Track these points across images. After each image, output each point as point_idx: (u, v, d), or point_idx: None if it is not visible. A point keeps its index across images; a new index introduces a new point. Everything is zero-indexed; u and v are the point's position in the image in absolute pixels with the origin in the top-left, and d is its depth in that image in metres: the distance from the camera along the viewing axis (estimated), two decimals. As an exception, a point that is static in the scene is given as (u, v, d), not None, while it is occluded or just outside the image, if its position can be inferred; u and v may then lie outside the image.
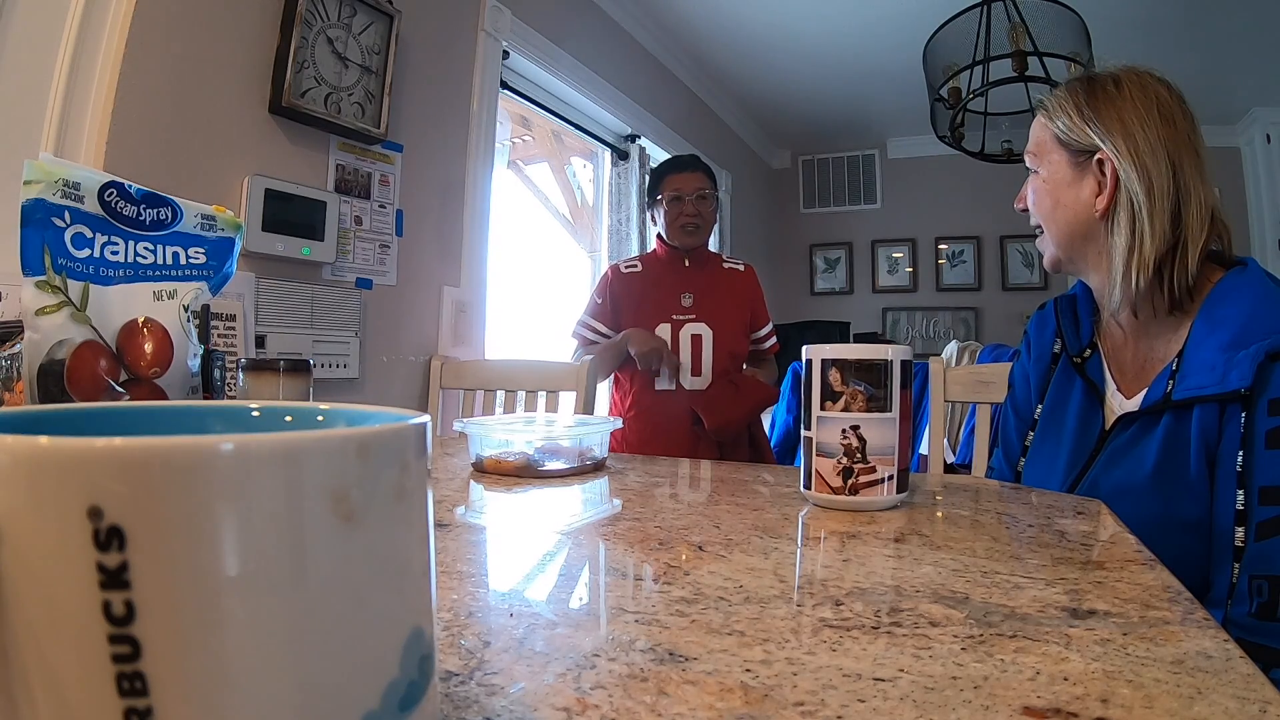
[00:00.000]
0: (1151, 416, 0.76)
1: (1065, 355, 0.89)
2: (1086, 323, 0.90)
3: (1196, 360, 0.73)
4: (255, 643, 0.14)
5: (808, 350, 0.61)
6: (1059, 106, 0.82)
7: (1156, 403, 0.75)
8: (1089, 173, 0.80)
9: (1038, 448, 0.90)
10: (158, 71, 1.27)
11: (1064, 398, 0.88)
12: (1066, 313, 0.92)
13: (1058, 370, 0.90)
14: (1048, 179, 0.83)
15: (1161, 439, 0.74)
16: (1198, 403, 0.72)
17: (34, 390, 0.56)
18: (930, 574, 0.40)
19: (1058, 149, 0.82)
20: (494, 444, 0.77)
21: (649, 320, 1.79)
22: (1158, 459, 0.73)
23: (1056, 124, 0.82)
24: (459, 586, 0.37)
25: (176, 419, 0.24)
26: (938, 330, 4.47)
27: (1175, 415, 0.74)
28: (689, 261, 1.84)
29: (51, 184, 0.57)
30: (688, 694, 0.25)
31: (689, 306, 1.80)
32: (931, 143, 2.96)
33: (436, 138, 1.92)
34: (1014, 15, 2.08)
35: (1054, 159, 0.83)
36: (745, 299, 1.87)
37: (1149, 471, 0.74)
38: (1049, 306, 0.95)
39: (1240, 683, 0.27)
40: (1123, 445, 0.78)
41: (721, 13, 3.00)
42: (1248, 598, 0.66)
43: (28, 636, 0.14)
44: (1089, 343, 0.88)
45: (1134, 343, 0.83)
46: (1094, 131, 0.79)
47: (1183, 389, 0.73)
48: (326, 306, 1.59)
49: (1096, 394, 0.84)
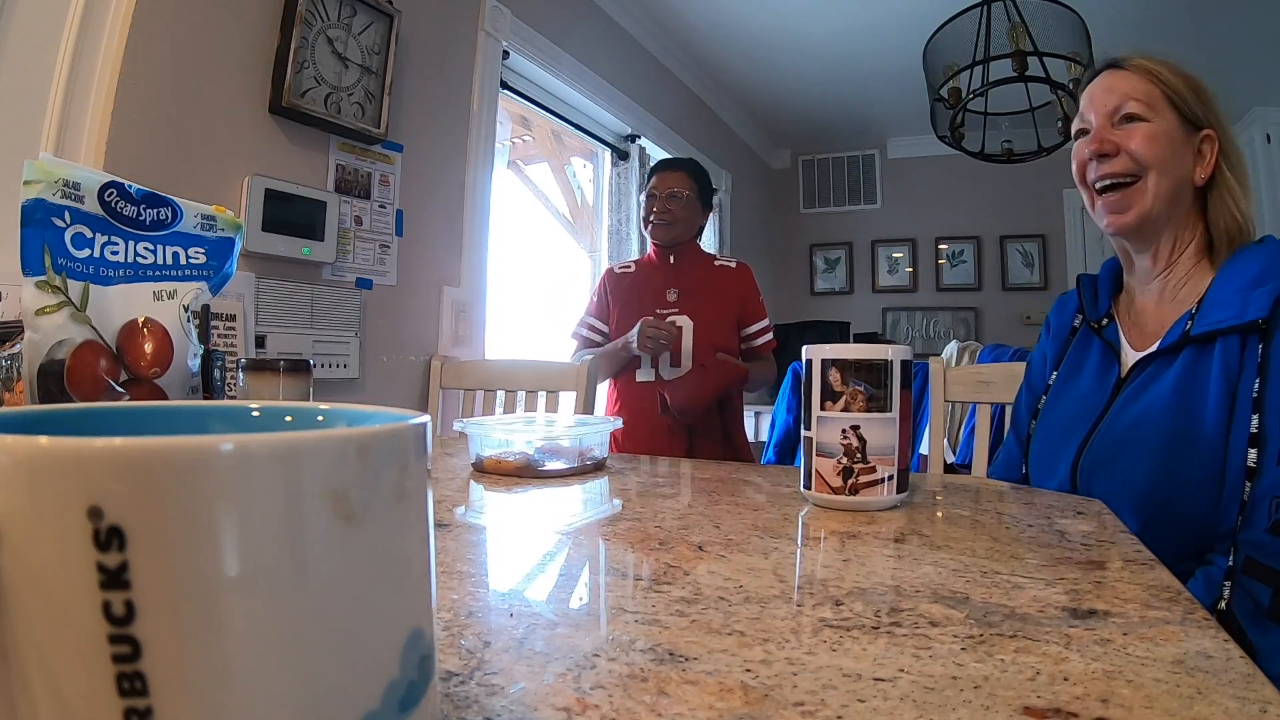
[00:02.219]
0: (1169, 356, 0.79)
1: (1085, 324, 0.93)
2: (1105, 297, 0.94)
3: (1214, 301, 0.78)
4: (255, 643, 0.14)
5: (808, 350, 0.61)
6: (1169, 72, 0.85)
7: (1175, 342, 0.79)
8: (1191, 144, 0.84)
9: (1050, 407, 0.92)
10: (158, 71, 1.27)
11: (1081, 359, 0.92)
12: (1088, 288, 0.96)
13: (1076, 340, 0.94)
14: (1165, 131, 0.84)
15: (1180, 371, 0.77)
16: (1219, 335, 0.75)
17: (34, 390, 0.56)
18: (930, 574, 0.40)
19: (1170, 109, 0.84)
20: (494, 444, 0.77)
21: (634, 313, 1.81)
22: (1175, 388, 0.77)
23: (1169, 85, 0.84)
24: (459, 586, 0.37)
25: (176, 419, 0.24)
26: (938, 330, 4.47)
27: (1195, 351, 0.77)
28: (674, 259, 1.87)
29: (51, 184, 0.57)
30: (688, 694, 0.25)
31: (673, 301, 1.82)
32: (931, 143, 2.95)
33: (436, 138, 1.92)
34: (1014, 15, 2.08)
35: (1168, 116, 0.84)
36: (734, 295, 1.87)
37: (1166, 400, 0.77)
38: (1071, 290, 1.00)
39: (1240, 683, 0.27)
40: (1140, 384, 0.81)
41: (721, 13, 3.00)
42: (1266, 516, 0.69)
43: (28, 636, 0.14)
44: (1106, 312, 0.92)
45: (1156, 309, 0.87)
46: (1206, 113, 0.84)
47: (1202, 324, 0.77)
48: (326, 306, 1.59)
49: (1113, 352, 0.88)
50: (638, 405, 1.78)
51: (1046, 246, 4.27)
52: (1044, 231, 4.26)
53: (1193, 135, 0.84)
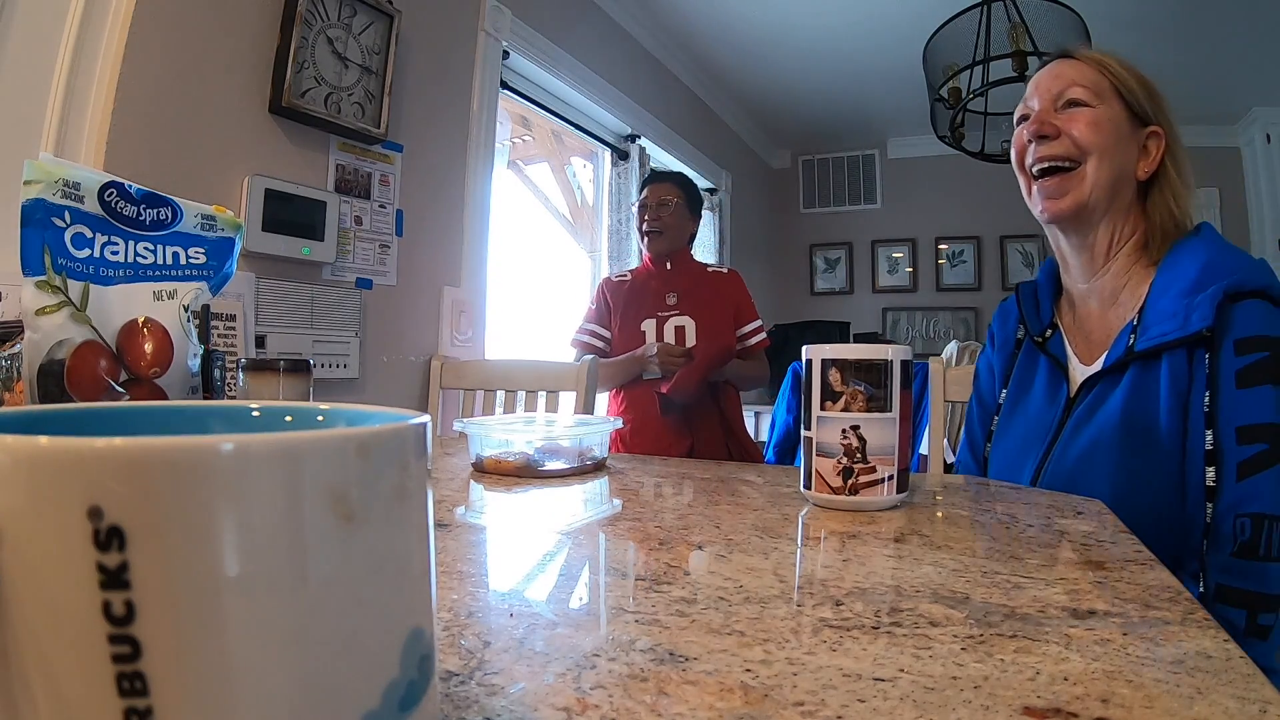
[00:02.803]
0: (1115, 374, 0.77)
1: (1028, 338, 0.91)
2: (1047, 305, 0.92)
3: (1156, 311, 0.76)
4: (255, 643, 0.14)
5: (808, 350, 0.61)
6: (1119, 66, 0.84)
7: (1119, 359, 0.76)
8: (1137, 137, 0.83)
9: (1003, 429, 0.90)
10: (158, 71, 1.27)
11: (1028, 378, 0.89)
12: (1028, 298, 0.94)
13: (1021, 354, 0.91)
14: (1111, 119, 0.82)
15: (1127, 392, 0.75)
16: (1164, 350, 0.73)
17: (34, 390, 0.56)
18: (930, 574, 0.40)
19: (1118, 100, 0.83)
20: (494, 444, 0.77)
21: (636, 317, 1.91)
22: (1123, 411, 0.74)
23: (1118, 79, 0.83)
24: (459, 586, 0.37)
25: (176, 419, 0.24)
26: (938, 330, 4.47)
27: (1141, 368, 0.75)
28: (671, 265, 1.96)
29: (51, 184, 0.57)
30: (688, 694, 0.25)
31: (673, 304, 1.92)
32: (931, 143, 2.95)
33: (436, 138, 1.92)
34: (1014, 15, 2.08)
35: (1115, 106, 0.83)
36: (729, 297, 1.96)
37: (1116, 425, 0.74)
38: (1011, 298, 0.97)
39: (1240, 683, 0.27)
40: (1087, 408, 0.79)
41: (721, 13, 3.00)
42: (1230, 539, 0.67)
43: (28, 636, 0.14)
44: (1050, 323, 0.90)
45: (1100, 315, 0.85)
46: (1154, 110, 0.83)
47: (1145, 339, 0.74)
48: (326, 306, 1.59)
49: (1060, 368, 0.85)
50: (645, 404, 1.84)
51: (1046, 247, 4.26)
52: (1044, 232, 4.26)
53: (1139, 129, 0.83)
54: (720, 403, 1.88)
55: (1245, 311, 0.71)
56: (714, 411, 1.87)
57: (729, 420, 1.90)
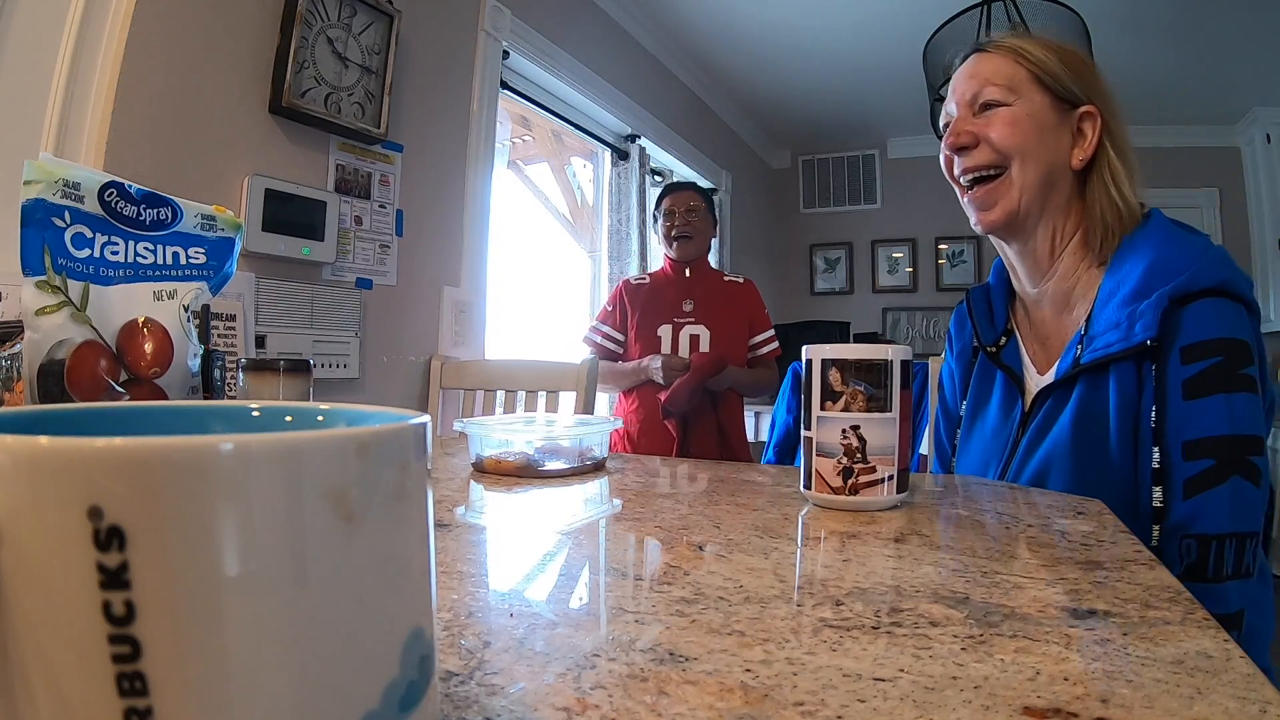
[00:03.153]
0: (1065, 387, 0.73)
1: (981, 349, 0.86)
2: (1001, 309, 0.87)
3: (1102, 320, 0.71)
4: (255, 643, 0.14)
5: (808, 350, 0.61)
6: (1038, 49, 0.78)
7: (1068, 371, 0.73)
8: (1067, 123, 0.77)
9: (965, 443, 0.87)
10: (158, 71, 1.27)
11: (985, 390, 0.85)
12: (980, 304, 0.89)
13: (978, 364, 0.87)
14: (1030, 113, 0.76)
15: (1075, 406, 0.71)
16: (1110, 362, 0.69)
17: (34, 390, 0.56)
18: (930, 574, 0.40)
19: (1038, 90, 0.77)
20: (494, 444, 0.77)
21: (652, 322, 1.97)
22: (1073, 427, 0.71)
23: (1036, 64, 0.77)
24: (459, 586, 0.37)
25: (176, 419, 0.24)
26: (938, 330, 4.47)
27: (1090, 381, 0.71)
28: (690, 272, 2.02)
29: (51, 184, 0.57)
30: (688, 694, 0.25)
31: (689, 311, 1.98)
32: (931, 143, 2.95)
33: (436, 138, 1.92)
34: (1014, 15, 2.08)
35: (1035, 98, 0.77)
36: (744, 308, 2.02)
37: (1066, 441, 0.71)
38: (963, 304, 0.92)
39: (1240, 683, 0.27)
40: (1041, 422, 0.75)
41: (721, 13, 3.00)
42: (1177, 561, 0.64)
43: (28, 636, 0.14)
44: (1004, 329, 0.85)
45: (1055, 319, 0.80)
46: (1081, 84, 0.77)
47: (1090, 351, 0.70)
48: (326, 306, 1.59)
49: (1015, 380, 0.81)
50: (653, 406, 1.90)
51: (1046, 246, 4.26)
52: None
53: (1068, 114, 0.77)
54: (717, 410, 1.93)
55: (1194, 315, 0.66)
56: (710, 417, 1.92)
57: (724, 426, 1.95)
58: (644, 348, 1.95)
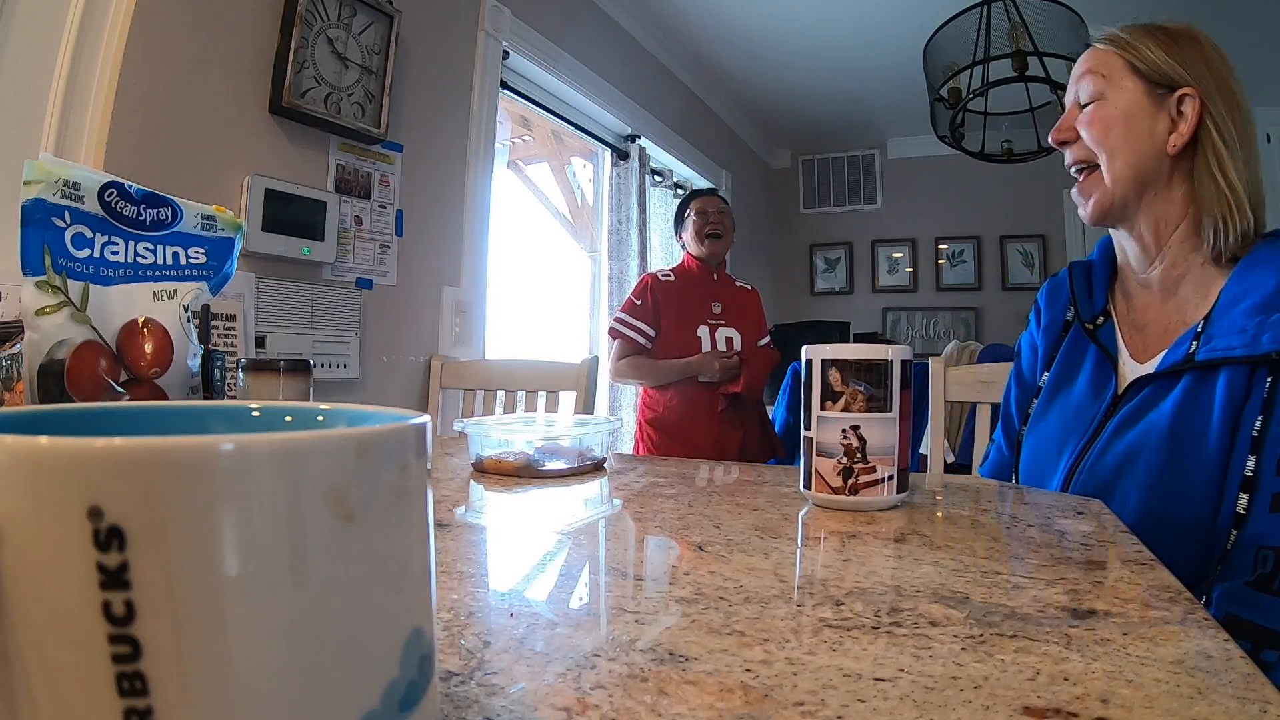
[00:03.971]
0: (1169, 379, 0.73)
1: (1078, 322, 0.86)
2: (1101, 289, 0.87)
3: (1225, 322, 0.71)
4: (255, 643, 0.14)
5: (807, 350, 0.61)
6: (1136, 38, 0.78)
7: (1176, 364, 0.72)
8: (1164, 109, 0.76)
9: (1041, 414, 0.86)
10: (158, 71, 1.27)
11: (1074, 365, 0.85)
12: (1081, 279, 0.88)
13: (1068, 338, 0.87)
14: (1119, 106, 0.76)
15: (1179, 400, 0.71)
16: (1226, 364, 0.69)
17: (34, 390, 0.56)
18: (930, 574, 0.40)
19: (1132, 77, 0.77)
20: (494, 444, 0.77)
21: (688, 323, 2.07)
22: (1173, 419, 0.71)
23: (1133, 53, 0.77)
24: (459, 586, 0.37)
25: (176, 419, 0.24)
26: (938, 330, 4.47)
27: (1197, 377, 0.71)
28: (715, 275, 2.16)
29: (51, 184, 0.57)
30: (688, 694, 0.25)
31: (718, 313, 2.11)
32: (931, 143, 2.95)
33: (436, 138, 1.92)
34: (1014, 15, 2.08)
35: (1126, 86, 0.77)
36: (755, 313, 2.21)
37: (1163, 434, 0.71)
38: (1062, 274, 0.92)
39: (1240, 683, 0.27)
40: (1135, 409, 0.75)
41: (721, 13, 3.00)
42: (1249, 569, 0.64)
43: (28, 636, 0.14)
44: (1102, 309, 0.85)
45: (1159, 307, 0.80)
46: (1180, 66, 0.76)
47: (1208, 350, 0.70)
48: (326, 306, 1.59)
49: (1110, 360, 0.81)
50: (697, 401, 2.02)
51: (1046, 246, 4.27)
52: (1044, 231, 4.26)
53: (1164, 99, 0.76)
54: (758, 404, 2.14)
55: None
56: (754, 410, 2.11)
57: (763, 419, 2.16)
58: (683, 347, 2.04)
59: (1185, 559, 0.68)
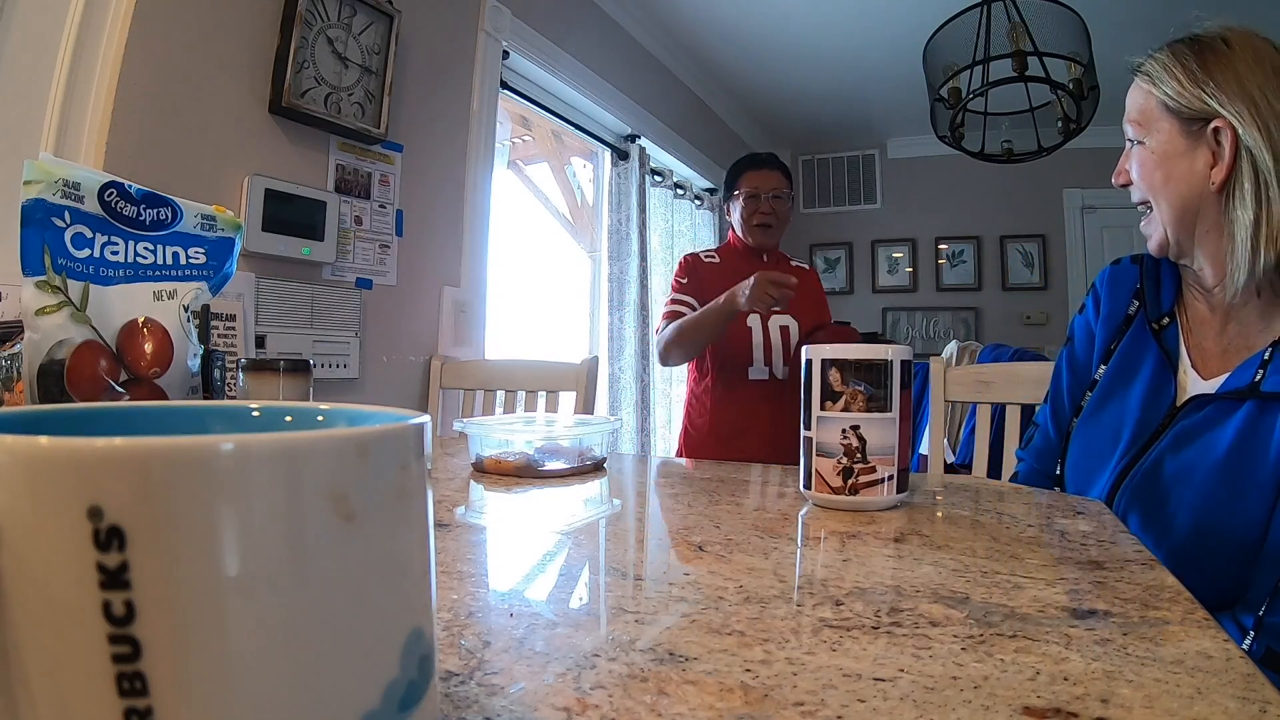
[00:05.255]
0: (1230, 402, 0.72)
1: (1143, 318, 0.83)
2: (1169, 289, 0.83)
3: None
4: (255, 643, 0.14)
5: (807, 350, 0.62)
6: (1164, 70, 0.76)
7: (1240, 390, 0.71)
8: (1203, 142, 0.73)
9: (1095, 411, 0.84)
10: (158, 71, 1.27)
11: (1134, 364, 0.82)
12: (1151, 274, 0.85)
13: (1130, 332, 0.84)
14: (1156, 150, 0.76)
15: (1239, 427, 0.70)
16: None
17: (34, 390, 0.56)
18: (930, 574, 0.40)
19: (1166, 117, 0.75)
20: (494, 444, 0.77)
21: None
22: (1231, 447, 0.70)
23: (1163, 90, 0.75)
24: (459, 586, 0.37)
25: (176, 419, 0.24)
26: (938, 330, 4.47)
27: (1259, 406, 0.70)
28: (766, 258, 1.89)
29: (51, 184, 0.57)
30: (688, 694, 0.25)
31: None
32: (931, 143, 2.95)
33: (436, 138, 1.92)
34: (1014, 15, 2.08)
35: (1162, 128, 0.76)
36: (814, 294, 1.92)
37: (1219, 458, 0.70)
38: (1126, 262, 0.88)
39: (1240, 683, 0.27)
40: (1194, 427, 0.74)
41: (721, 13, 3.00)
42: None
43: (28, 636, 0.14)
44: (1169, 310, 0.82)
45: (1221, 323, 0.78)
46: (1209, 97, 0.72)
47: (1275, 382, 0.69)
48: (326, 306, 1.59)
49: (1170, 365, 0.79)
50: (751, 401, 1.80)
51: (1046, 246, 4.26)
52: (1044, 231, 4.26)
53: (1200, 134, 0.73)
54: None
55: None
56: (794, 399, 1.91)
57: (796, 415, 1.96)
58: (734, 338, 1.79)
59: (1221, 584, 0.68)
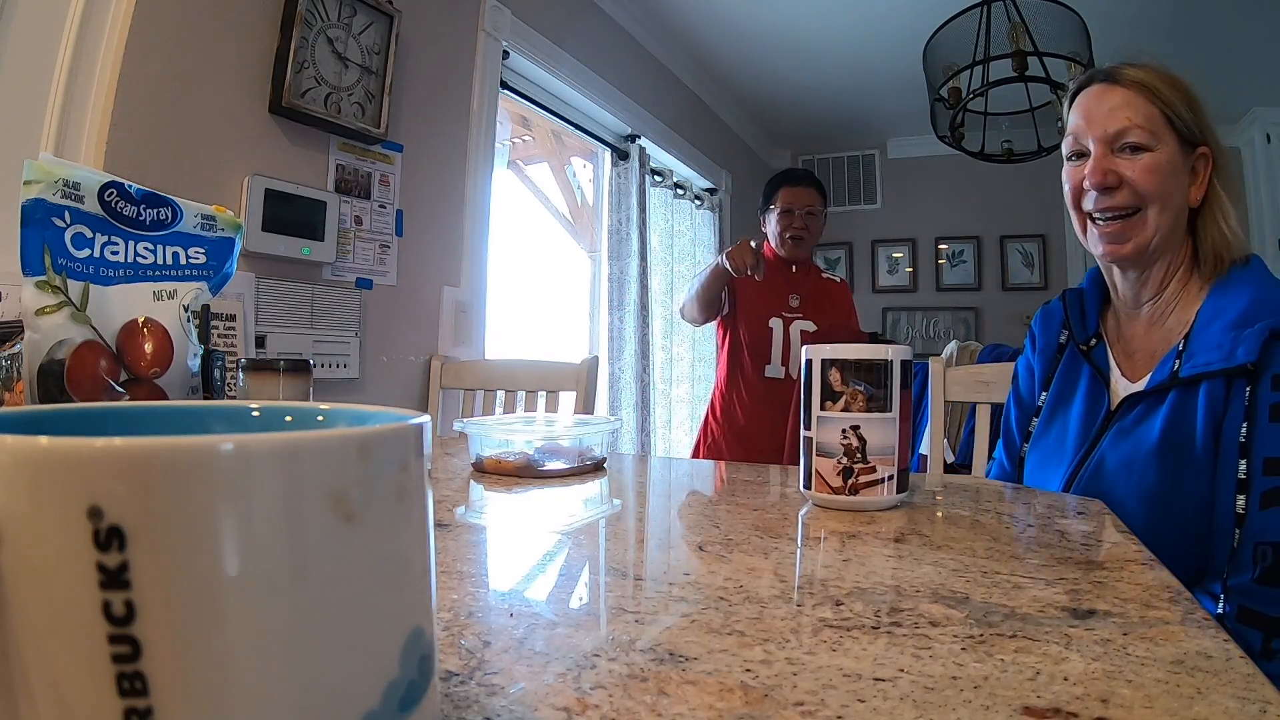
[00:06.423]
0: (1157, 396, 0.78)
1: (1072, 344, 0.92)
2: (1093, 315, 0.93)
3: (1203, 340, 0.77)
4: (255, 643, 0.14)
5: (807, 350, 0.62)
6: (1171, 92, 0.81)
7: (1163, 382, 0.78)
8: (1190, 163, 0.82)
9: (1042, 432, 0.92)
10: (158, 71, 1.27)
11: (1070, 384, 0.90)
12: (1074, 305, 0.95)
13: (1064, 359, 0.93)
14: (1169, 160, 0.80)
15: (1167, 415, 0.76)
16: (1205, 379, 0.74)
17: (34, 390, 0.56)
18: (930, 574, 0.40)
19: (1171, 134, 0.81)
20: (494, 444, 0.77)
21: (762, 313, 1.99)
22: (1162, 433, 0.76)
23: (1169, 107, 0.81)
24: (459, 586, 0.37)
25: (176, 419, 0.24)
26: (938, 330, 4.47)
27: (1181, 393, 0.76)
28: (795, 268, 2.06)
29: (51, 184, 0.57)
30: (688, 694, 0.25)
31: (796, 306, 2.02)
32: (931, 143, 2.95)
33: (436, 138, 1.92)
34: (1014, 15, 2.08)
35: (1169, 141, 0.80)
36: (842, 306, 2.09)
37: (1154, 445, 0.76)
38: (1054, 302, 0.98)
39: (1240, 683, 0.27)
40: (1129, 424, 0.80)
41: (721, 13, 3.00)
42: (1251, 565, 0.69)
43: (28, 636, 0.14)
44: (1094, 332, 0.91)
45: (1145, 334, 0.86)
46: (1200, 127, 0.81)
47: (1190, 366, 0.76)
48: (326, 306, 1.59)
49: (1102, 379, 0.87)
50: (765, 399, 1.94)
51: (1046, 246, 4.26)
52: (1044, 231, 4.26)
53: (1189, 155, 0.81)
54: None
55: None
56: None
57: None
58: (754, 337, 1.96)
59: (1185, 559, 0.73)
